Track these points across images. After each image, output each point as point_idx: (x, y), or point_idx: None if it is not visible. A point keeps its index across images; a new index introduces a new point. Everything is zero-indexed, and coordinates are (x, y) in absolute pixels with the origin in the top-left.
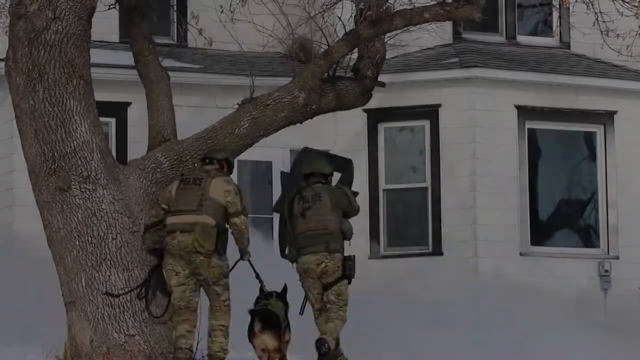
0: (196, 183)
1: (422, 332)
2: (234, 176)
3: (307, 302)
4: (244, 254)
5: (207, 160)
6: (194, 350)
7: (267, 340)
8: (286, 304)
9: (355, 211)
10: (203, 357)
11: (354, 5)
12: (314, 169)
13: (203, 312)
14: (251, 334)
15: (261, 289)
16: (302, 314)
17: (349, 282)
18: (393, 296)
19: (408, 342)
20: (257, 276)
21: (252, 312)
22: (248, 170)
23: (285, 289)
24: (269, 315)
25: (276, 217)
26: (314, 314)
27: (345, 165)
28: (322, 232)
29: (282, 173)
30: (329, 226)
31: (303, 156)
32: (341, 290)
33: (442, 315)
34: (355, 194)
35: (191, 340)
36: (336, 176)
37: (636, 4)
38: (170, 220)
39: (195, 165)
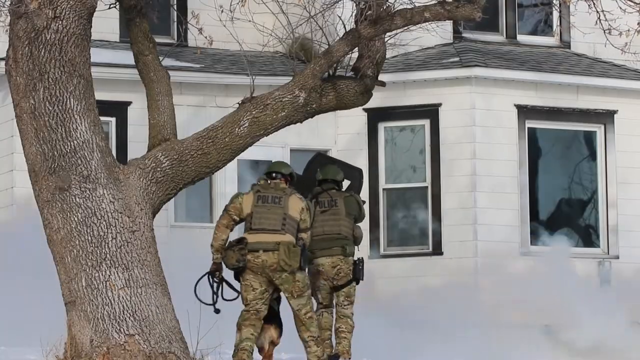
0: (275, 202)
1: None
2: (233, 176)
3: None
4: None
5: (273, 175)
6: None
7: (273, 333)
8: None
9: (363, 218)
10: (202, 357)
11: (355, 4)
12: (328, 176)
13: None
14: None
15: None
16: None
17: (357, 284)
18: (393, 296)
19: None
20: None
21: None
22: (248, 169)
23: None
24: (274, 312)
25: None
26: (317, 308)
27: (355, 174)
28: (337, 236)
29: (292, 175)
30: (343, 231)
31: (317, 162)
32: (350, 292)
33: (442, 315)
34: (363, 202)
35: (253, 344)
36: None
37: (638, 1)
38: (253, 238)
39: (262, 181)
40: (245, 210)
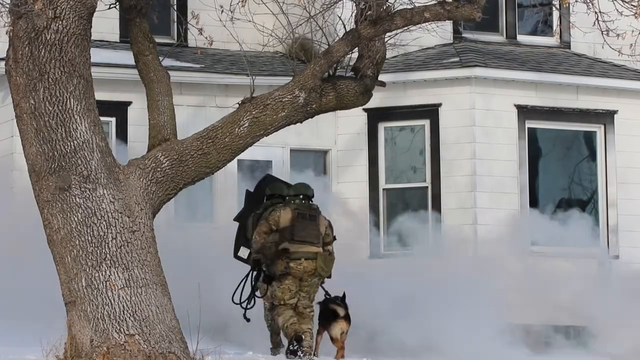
0: (312, 219)
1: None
2: (233, 176)
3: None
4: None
5: (302, 197)
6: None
7: (344, 324)
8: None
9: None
10: (202, 357)
11: (355, 4)
12: (276, 191)
13: (203, 313)
14: (330, 320)
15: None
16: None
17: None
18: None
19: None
20: (326, 293)
21: (329, 304)
22: (248, 169)
23: (344, 295)
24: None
25: None
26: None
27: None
28: None
29: (247, 191)
30: None
31: (268, 180)
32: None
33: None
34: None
35: (297, 325)
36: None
37: (635, 3)
38: (294, 248)
39: (297, 201)
40: (287, 223)
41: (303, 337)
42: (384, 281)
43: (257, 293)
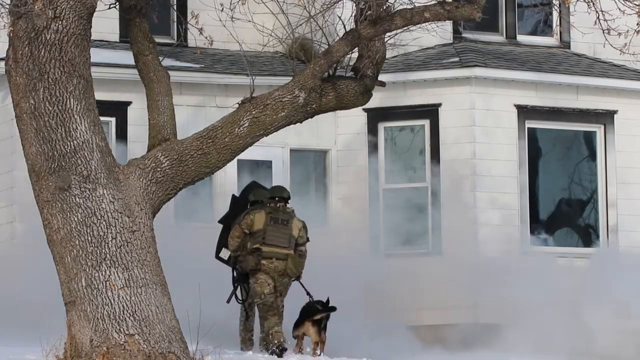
0: (284, 224)
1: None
2: (233, 177)
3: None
4: (300, 273)
5: (277, 199)
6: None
7: (319, 328)
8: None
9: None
10: (202, 357)
11: (355, 4)
12: (260, 197)
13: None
14: (301, 323)
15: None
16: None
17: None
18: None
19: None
20: (307, 292)
21: (308, 307)
22: (248, 169)
23: (328, 300)
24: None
25: None
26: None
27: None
28: None
29: (233, 196)
30: None
31: (252, 187)
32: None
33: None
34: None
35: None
36: None
37: (637, 2)
38: (267, 249)
39: (272, 204)
40: (260, 227)
41: (286, 348)
42: None
43: (239, 296)
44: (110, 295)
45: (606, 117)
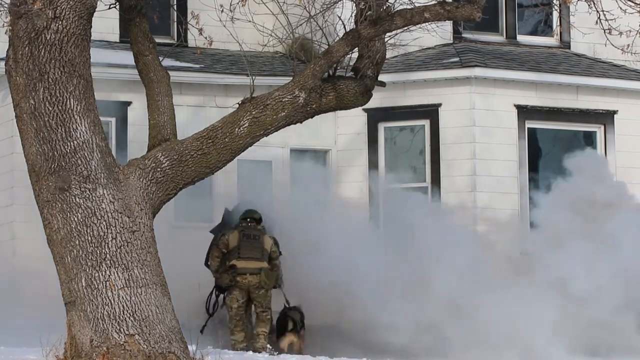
0: (256, 239)
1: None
2: (233, 177)
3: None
4: (280, 283)
5: (249, 220)
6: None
7: (293, 337)
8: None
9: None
10: (202, 357)
11: (355, 4)
12: (250, 216)
13: (202, 312)
14: (280, 334)
15: (286, 303)
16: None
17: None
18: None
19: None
20: (286, 300)
21: (283, 316)
22: (247, 169)
23: (299, 305)
24: (293, 321)
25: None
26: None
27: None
28: None
29: (226, 209)
30: None
31: (240, 208)
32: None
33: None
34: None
35: (246, 342)
36: None
37: (638, 1)
38: (241, 264)
39: (244, 224)
40: (234, 244)
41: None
42: None
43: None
44: (110, 296)
45: (606, 117)
